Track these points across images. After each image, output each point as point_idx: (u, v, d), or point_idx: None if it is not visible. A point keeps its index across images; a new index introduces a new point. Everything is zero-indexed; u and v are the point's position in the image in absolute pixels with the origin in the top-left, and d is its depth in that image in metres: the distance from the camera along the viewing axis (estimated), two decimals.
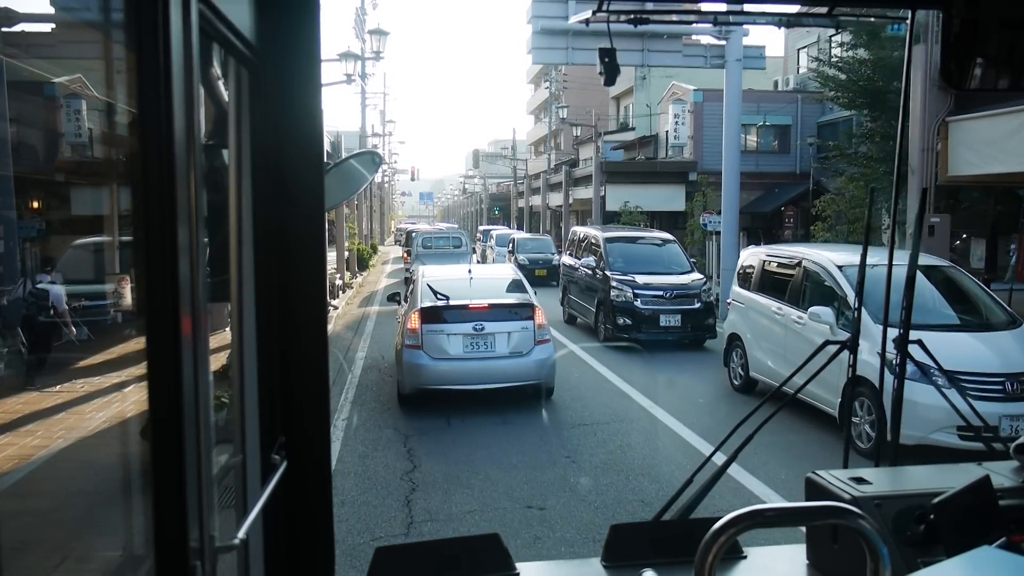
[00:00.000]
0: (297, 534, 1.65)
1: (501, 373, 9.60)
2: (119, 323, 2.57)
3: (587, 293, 15.92)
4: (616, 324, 14.11)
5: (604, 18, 3.48)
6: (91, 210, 2.70)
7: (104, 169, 2.65)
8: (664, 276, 14.83)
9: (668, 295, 14.20)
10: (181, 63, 1.08)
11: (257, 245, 1.58)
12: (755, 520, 1.30)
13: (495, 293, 10.37)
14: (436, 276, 10.82)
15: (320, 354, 1.66)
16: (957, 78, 2.21)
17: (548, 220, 45.29)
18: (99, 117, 2.74)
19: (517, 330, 9.72)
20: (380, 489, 6.89)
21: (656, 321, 14.04)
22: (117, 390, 2.88)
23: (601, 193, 31.98)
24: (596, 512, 6.31)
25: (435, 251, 23.32)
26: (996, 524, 1.78)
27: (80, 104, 2.52)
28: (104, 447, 2.95)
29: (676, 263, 15.70)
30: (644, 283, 14.38)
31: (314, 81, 1.63)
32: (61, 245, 3.16)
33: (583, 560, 2.14)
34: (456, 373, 9.58)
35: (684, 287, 14.48)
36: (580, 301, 16.51)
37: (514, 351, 9.65)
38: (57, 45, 2.51)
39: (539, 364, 9.73)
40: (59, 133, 2.60)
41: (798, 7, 3.30)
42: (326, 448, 1.68)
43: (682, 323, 14.12)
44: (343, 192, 5.30)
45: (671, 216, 30.81)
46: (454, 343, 9.57)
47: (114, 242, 2.39)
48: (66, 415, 2.83)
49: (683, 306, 14.17)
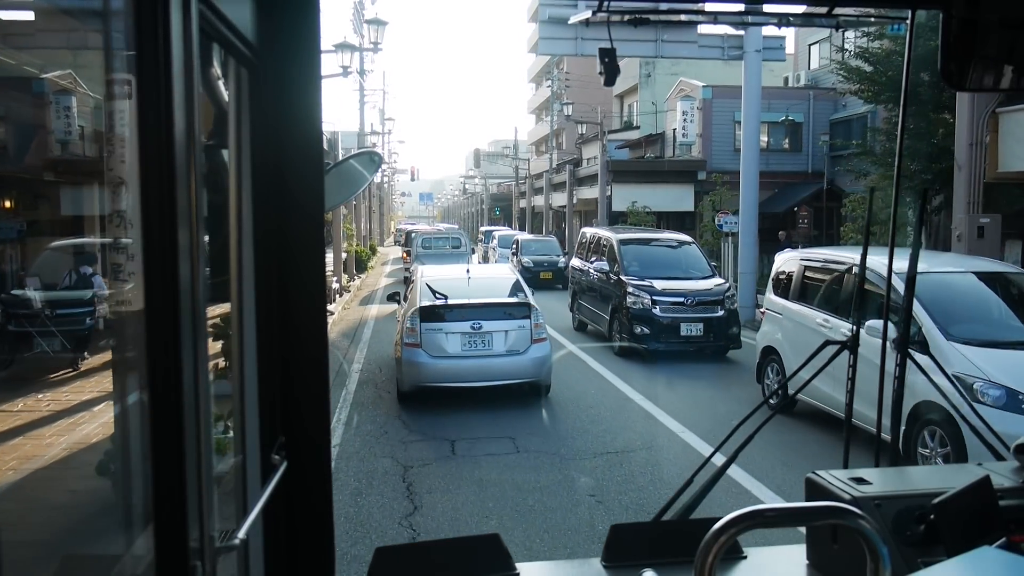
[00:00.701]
0: (297, 534, 1.65)
1: (499, 371, 9.76)
2: (99, 330, 2.56)
3: (599, 299, 14.98)
4: (632, 333, 13.11)
5: (604, 18, 3.48)
6: (92, 211, 2.70)
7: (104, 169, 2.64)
8: (684, 281, 13.77)
9: (689, 302, 13.09)
10: (181, 63, 1.08)
11: (257, 245, 1.59)
12: (755, 520, 1.30)
13: (493, 292, 10.55)
14: (435, 276, 11.00)
15: (320, 354, 1.66)
16: (957, 78, 2.22)
17: (551, 221, 44.86)
18: (99, 116, 2.73)
19: (514, 329, 9.88)
20: (375, 537, 5.94)
21: (676, 330, 12.99)
22: (114, 397, 2.88)
23: (607, 193, 31.11)
24: None
25: (434, 251, 24.00)
26: (996, 524, 1.78)
27: (70, 101, 2.49)
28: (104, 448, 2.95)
29: (696, 267, 14.69)
30: (663, 289, 13.31)
31: (314, 81, 1.63)
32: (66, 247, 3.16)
33: (583, 560, 2.14)
34: (454, 371, 9.73)
35: (706, 293, 13.34)
36: (591, 307, 15.53)
37: (511, 349, 9.82)
38: (56, 45, 2.51)
39: (536, 362, 9.90)
40: (48, 130, 2.57)
41: (798, 7, 3.30)
42: (326, 448, 1.68)
43: (704, 332, 13.05)
44: (343, 192, 5.29)
45: (678, 217, 30.09)
46: (452, 341, 9.74)
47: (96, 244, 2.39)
48: (67, 418, 2.83)
49: (705, 314, 13.07)
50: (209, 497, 1.15)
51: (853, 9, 4.52)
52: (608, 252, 15.10)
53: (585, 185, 37.75)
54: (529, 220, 50.70)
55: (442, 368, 9.70)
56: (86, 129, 2.79)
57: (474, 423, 9.16)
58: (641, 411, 9.85)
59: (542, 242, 29.17)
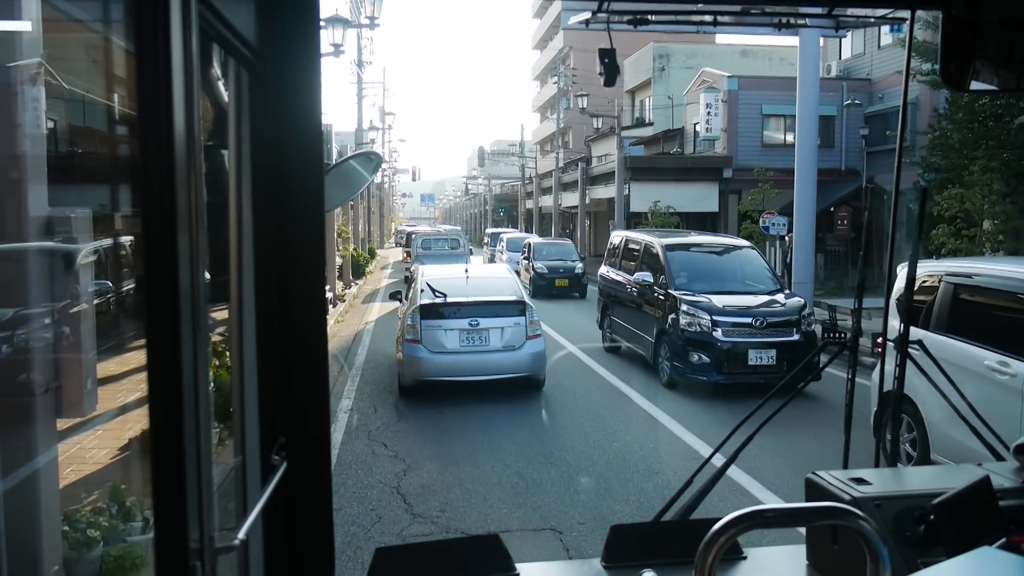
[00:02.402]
0: (297, 534, 1.65)
1: (495, 366, 10.19)
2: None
3: (640, 317, 12.38)
4: (688, 362, 10.55)
5: (604, 19, 3.47)
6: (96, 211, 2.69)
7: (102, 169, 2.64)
8: (747, 296, 11.32)
9: (757, 323, 10.60)
10: (181, 63, 1.08)
11: (257, 245, 1.59)
12: (755, 521, 1.30)
13: (490, 291, 10.87)
14: (435, 275, 11.39)
15: (320, 354, 1.66)
16: (957, 78, 2.22)
17: (559, 222, 43.56)
18: (98, 116, 2.73)
19: (510, 325, 10.32)
20: None
21: (743, 358, 10.37)
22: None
23: (625, 192, 28.70)
24: None
25: (434, 251, 24.79)
26: (996, 524, 1.78)
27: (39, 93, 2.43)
28: (104, 449, 2.95)
29: (757, 277, 12.12)
30: (724, 307, 10.76)
31: (314, 82, 1.63)
32: None
33: (583, 560, 2.14)
34: (453, 366, 10.15)
35: (777, 312, 10.87)
36: (629, 326, 12.91)
37: (507, 345, 10.26)
38: (57, 44, 2.51)
39: (531, 357, 10.31)
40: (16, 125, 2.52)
41: (798, 7, 3.31)
42: (326, 448, 1.68)
43: (777, 360, 10.35)
44: (343, 193, 5.30)
45: (698, 217, 27.81)
46: (451, 338, 10.19)
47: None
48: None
49: (778, 337, 10.49)
50: (209, 497, 1.15)
51: (853, 9, 4.53)
52: (650, 260, 12.59)
53: (599, 184, 35.71)
54: (536, 222, 49.43)
55: (441, 363, 10.09)
56: (94, 131, 2.78)
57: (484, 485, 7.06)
58: (737, 489, 6.76)
59: (557, 246, 26.35)
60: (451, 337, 10.19)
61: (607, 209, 37.22)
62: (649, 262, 12.63)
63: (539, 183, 50.16)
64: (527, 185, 53.87)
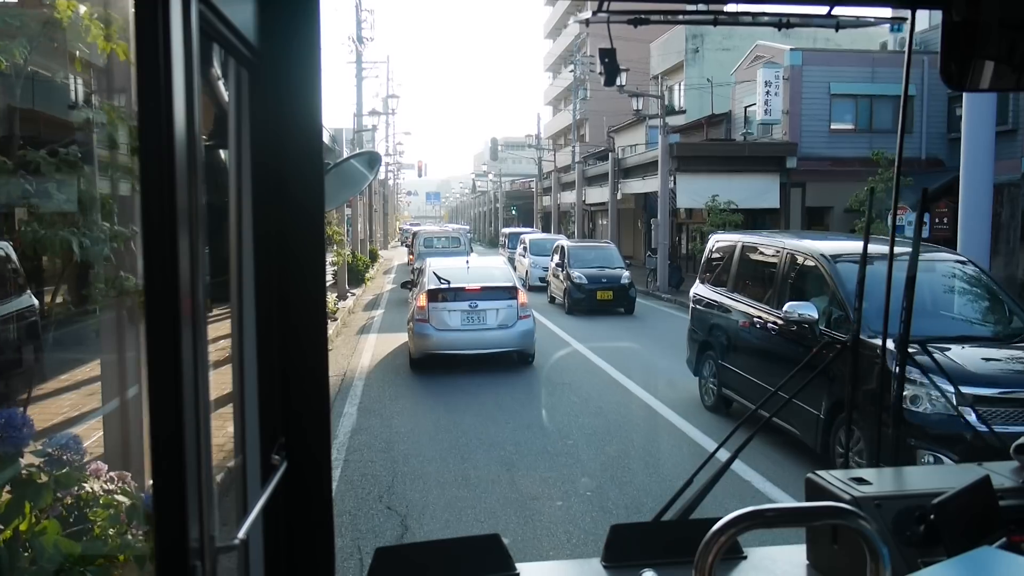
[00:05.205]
0: (297, 534, 1.65)
1: (491, 341, 12.18)
2: None
3: (788, 373, 4.62)
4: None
5: (604, 18, 3.47)
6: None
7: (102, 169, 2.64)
8: (994, 345, 6.80)
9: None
10: (181, 63, 1.08)
11: (257, 245, 1.59)
12: (755, 520, 1.30)
13: (486, 278, 12.84)
14: (440, 266, 13.30)
15: (320, 354, 1.66)
16: (957, 78, 2.22)
17: (581, 220, 38.89)
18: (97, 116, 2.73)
19: (504, 307, 12.28)
20: None
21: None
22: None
23: (670, 185, 24.08)
24: None
25: (436, 249, 24.88)
26: (996, 524, 1.78)
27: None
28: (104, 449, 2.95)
29: (982, 309, 7.58)
30: (976, 370, 6.07)
31: (315, 82, 1.63)
32: None
33: (583, 560, 2.14)
34: (455, 341, 12.12)
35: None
36: (762, 383, 7.93)
37: (501, 324, 12.24)
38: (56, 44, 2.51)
39: (522, 334, 12.32)
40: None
41: (797, 7, 3.32)
42: (326, 448, 1.68)
43: None
44: (343, 193, 5.30)
45: (750, 215, 22.83)
46: (454, 318, 12.17)
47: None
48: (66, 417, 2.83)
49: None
50: (209, 497, 1.15)
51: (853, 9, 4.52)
52: (804, 281, 8.06)
53: (632, 178, 30.28)
54: (555, 220, 44.37)
55: (446, 339, 12.07)
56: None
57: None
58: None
59: (598, 250, 21.79)
60: (454, 317, 12.13)
61: (634, 206, 33.92)
62: (802, 285, 8.03)
63: (558, 177, 44.85)
64: (544, 180, 48.91)
